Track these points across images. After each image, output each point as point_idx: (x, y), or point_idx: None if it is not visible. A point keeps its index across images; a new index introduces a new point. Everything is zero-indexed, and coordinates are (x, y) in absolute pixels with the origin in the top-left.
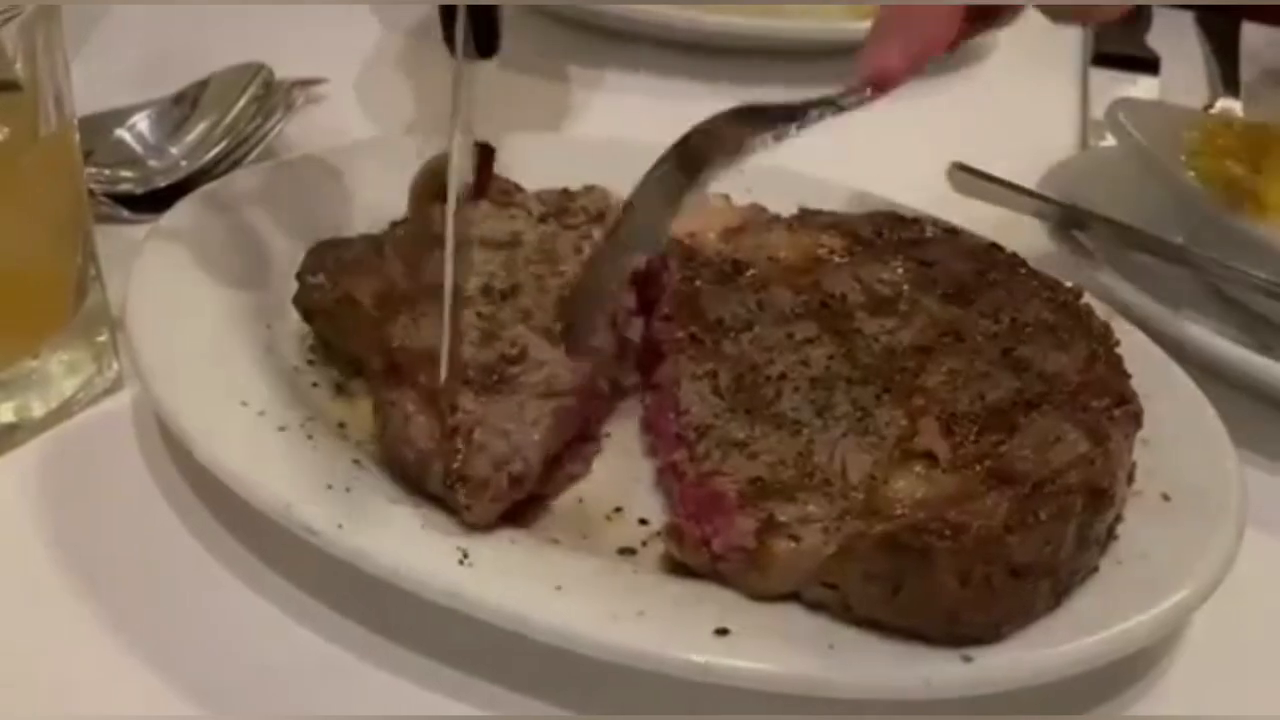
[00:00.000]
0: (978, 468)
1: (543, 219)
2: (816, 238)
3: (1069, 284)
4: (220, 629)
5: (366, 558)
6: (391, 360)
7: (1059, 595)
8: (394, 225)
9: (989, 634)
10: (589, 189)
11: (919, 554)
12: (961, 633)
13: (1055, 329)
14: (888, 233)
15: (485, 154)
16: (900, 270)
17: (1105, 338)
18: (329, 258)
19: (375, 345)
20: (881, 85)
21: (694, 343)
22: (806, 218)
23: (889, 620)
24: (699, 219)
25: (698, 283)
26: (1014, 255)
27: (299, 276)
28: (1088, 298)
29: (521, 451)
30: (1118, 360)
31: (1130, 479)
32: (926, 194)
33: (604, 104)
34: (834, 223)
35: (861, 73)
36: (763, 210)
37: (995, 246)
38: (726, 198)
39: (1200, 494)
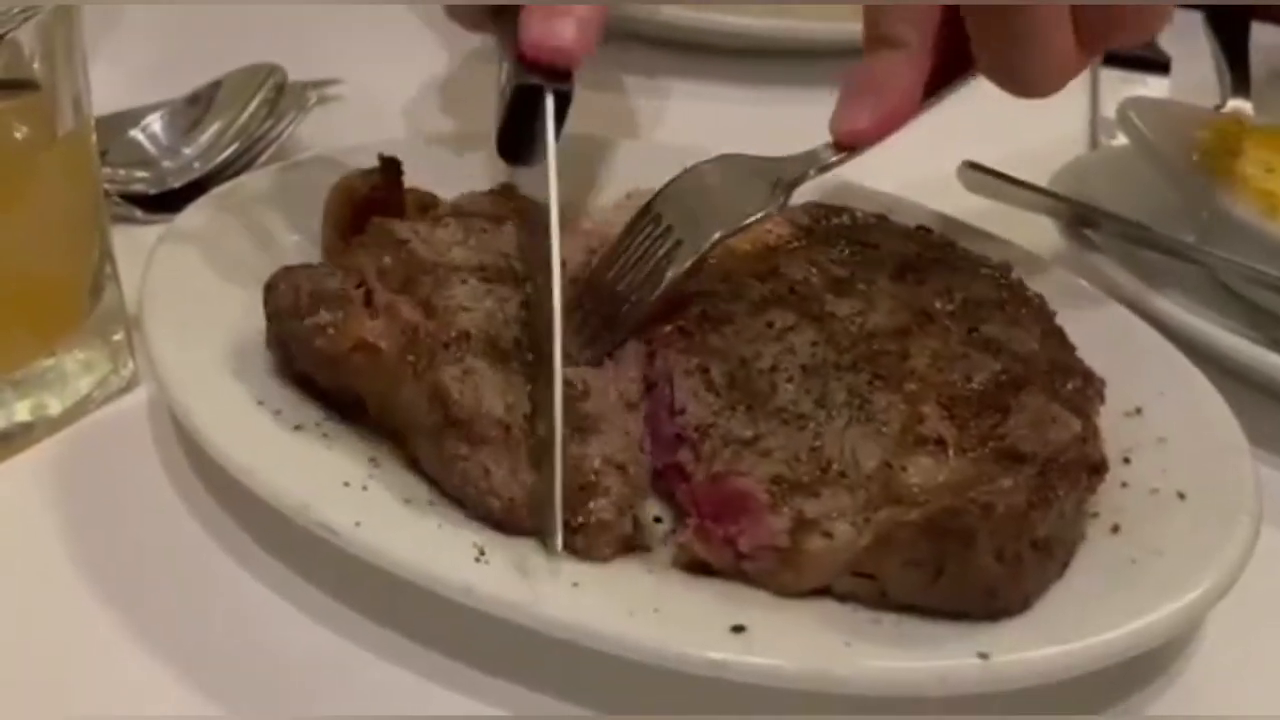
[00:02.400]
0: (984, 450)
1: (484, 230)
2: (762, 225)
3: (997, 260)
4: (236, 626)
5: (384, 556)
6: (452, 416)
7: (1064, 565)
8: (349, 250)
9: (1020, 606)
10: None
11: (961, 536)
12: (997, 608)
13: (1002, 305)
14: (823, 220)
15: (391, 169)
16: (848, 253)
17: (1045, 311)
18: (305, 289)
19: (410, 395)
20: (852, 146)
21: (683, 335)
22: None
23: (928, 603)
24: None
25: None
26: (943, 236)
27: (277, 315)
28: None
29: (636, 481)
30: (1063, 334)
31: None
32: (937, 192)
33: (620, 107)
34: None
35: (833, 134)
36: None
37: (924, 229)
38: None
39: (1215, 491)
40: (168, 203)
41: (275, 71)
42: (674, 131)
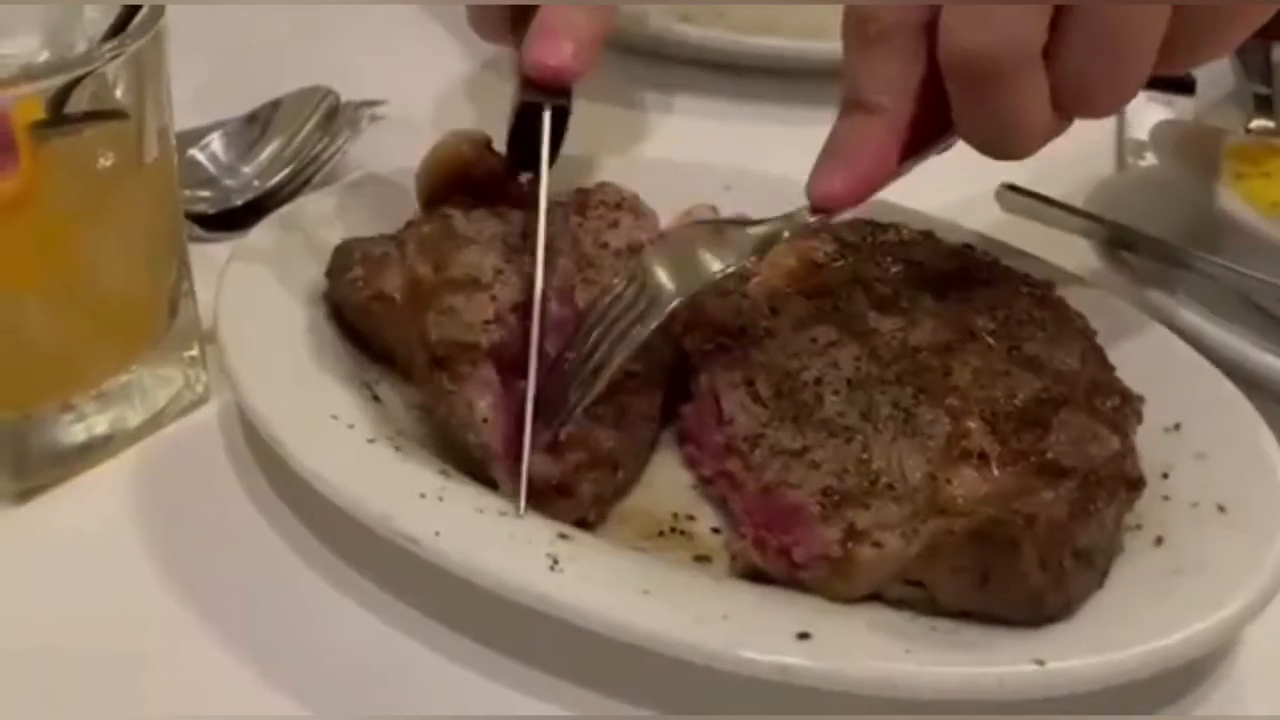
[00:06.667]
0: (1026, 464)
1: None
2: (809, 242)
3: (1040, 278)
4: (313, 631)
5: (464, 565)
6: (435, 354)
7: (1104, 574)
8: (410, 224)
9: (1063, 612)
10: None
11: (1007, 545)
12: (1042, 613)
13: (1044, 324)
14: (869, 236)
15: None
16: (893, 271)
17: (1085, 330)
18: (356, 254)
19: (411, 339)
20: (827, 211)
21: (723, 352)
22: None
23: (977, 609)
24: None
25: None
26: (987, 253)
27: (331, 273)
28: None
29: (622, 481)
30: (1102, 353)
31: None
32: (973, 213)
33: (643, 124)
34: (818, 228)
35: (808, 196)
36: (747, 219)
37: (969, 247)
38: (714, 209)
39: (1255, 506)
40: (227, 221)
41: (330, 94)
42: (698, 149)
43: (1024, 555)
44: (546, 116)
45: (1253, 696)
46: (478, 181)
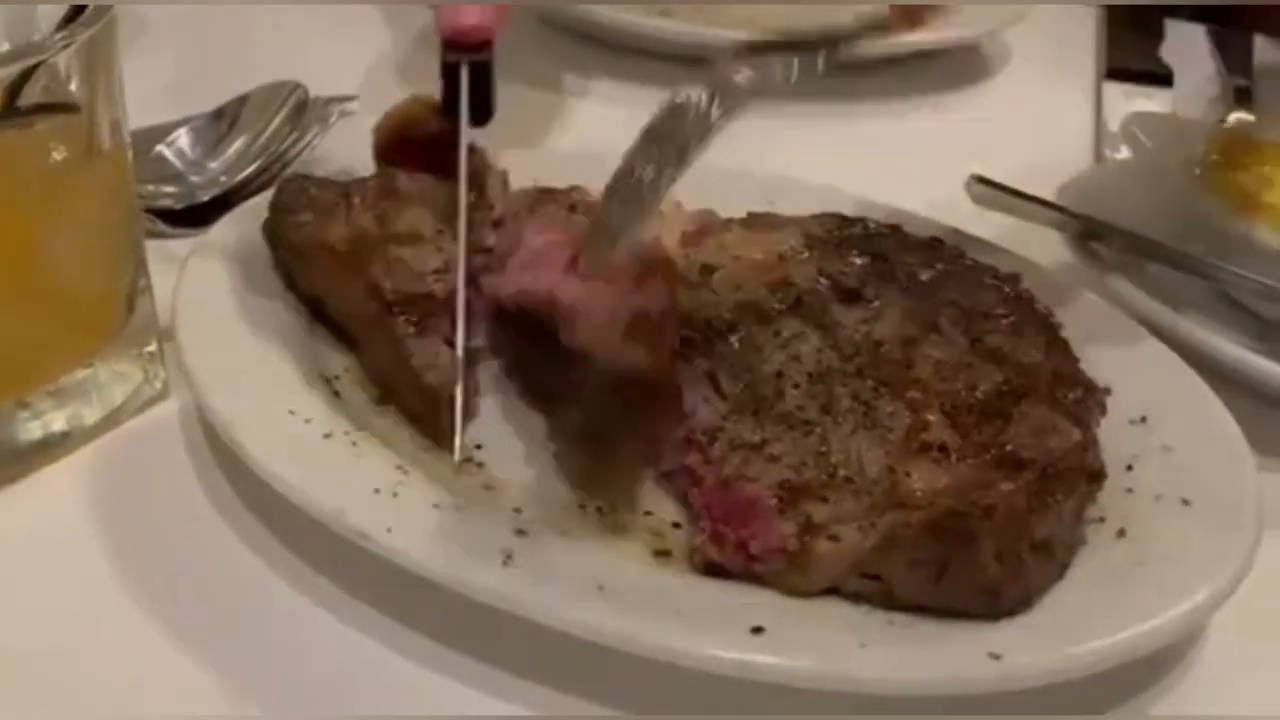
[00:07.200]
0: (985, 456)
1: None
2: (774, 236)
3: (1007, 271)
4: (271, 630)
5: (416, 561)
6: (387, 302)
7: (1064, 567)
8: (358, 179)
9: (1021, 606)
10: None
11: (963, 537)
12: (999, 607)
13: (1008, 316)
14: (836, 230)
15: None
16: (858, 264)
17: (1050, 322)
18: (305, 196)
19: (350, 289)
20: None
21: (687, 345)
22: (758, 219)
23: (933, 603)
24: (655, 225)
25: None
26: (955, 248)
27: (276, 208)
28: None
29: None
30: (1067, 346)
31: None
32: (945, 206)
33: (609, 116)
34: (785, 222)
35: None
36: (714, 214)
37: (937, 240)
38: (679, 204)
39: (1219, 498)
40: (193, 217)
41: (298, 88)
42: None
43: (981, 547)
44: (464, 73)
45: (1215, 691)
46: (424, 140)
